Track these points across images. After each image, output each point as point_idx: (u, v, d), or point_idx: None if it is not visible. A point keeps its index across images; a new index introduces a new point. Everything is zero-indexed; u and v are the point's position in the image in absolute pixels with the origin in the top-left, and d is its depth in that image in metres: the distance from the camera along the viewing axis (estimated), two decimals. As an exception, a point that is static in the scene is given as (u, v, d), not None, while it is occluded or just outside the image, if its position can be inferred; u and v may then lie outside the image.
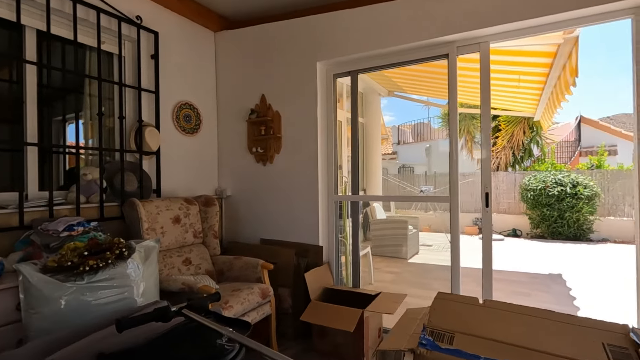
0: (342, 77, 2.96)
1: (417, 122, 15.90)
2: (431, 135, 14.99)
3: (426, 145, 13.21)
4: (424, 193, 8.12)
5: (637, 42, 1.98)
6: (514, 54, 3.13)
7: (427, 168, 11.41)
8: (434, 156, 12.31)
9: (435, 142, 13.22)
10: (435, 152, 12.38)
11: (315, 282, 2.64)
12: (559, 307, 3.51)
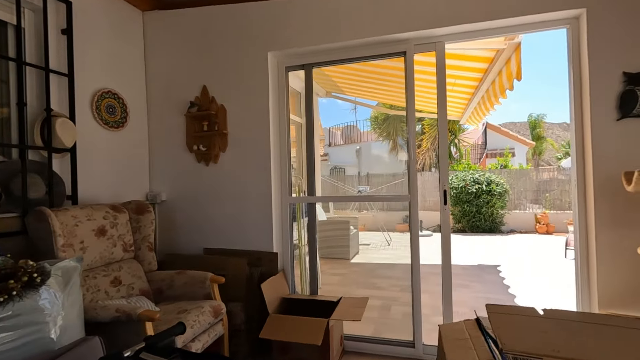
0: (294, 70, 2.77)
1: (346, 125, 16.37)
2: (360, 138, 15.56)
3: (356, 147, 13.63)
4: (362, 193, 8.34)
5: (573, 50, 2.17)
6: (450, 57, 3.27)
7: (358, 169, 11.76)
8: (364, 158, 12.76)
9: (365, 144, 13.73)
10: (366, 154, 12.85)
11: (272, 293, 2.40)
12: (496, 295, 3.80)
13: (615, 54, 2.00)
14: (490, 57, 3.06)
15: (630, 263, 1.95)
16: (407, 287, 4.19)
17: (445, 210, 2.43)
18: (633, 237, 1.94)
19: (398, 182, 8.89)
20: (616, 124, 2.00)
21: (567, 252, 5.65)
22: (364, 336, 2.61)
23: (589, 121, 2.06)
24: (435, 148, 10.17)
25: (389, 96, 5.26)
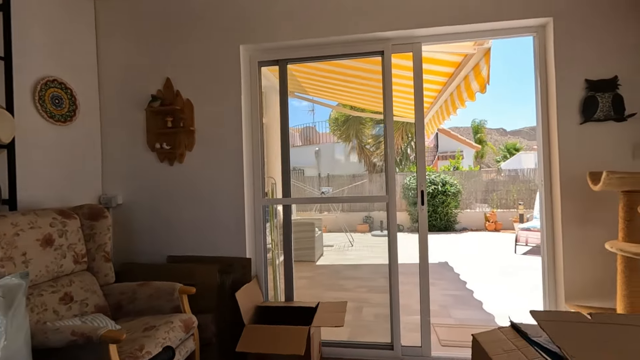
0: (268, 65, 2.64)
1: (305, 126, 16.31)
2: (319, 139, 15.58)
3: (315, 149, 13.62)
4: (325, 194, 8.33)
5: (539, 57, 2.29)
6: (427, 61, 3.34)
7: (318, 170, 11.75)
8: (323, 159, 12.76)
9: (325, 145, 13.75)
10: (325, 155, 12.87)
11: (246, 302, 2.25)
12: (459, 292, 3.94)
13: (578, 62, 2.13)
14: (457, 61, 3.16)
15: (594, 258, 2.08)
16: (375, 288, 4.23)
17: (422, 211, 2.45)
18: (597, 233, 2.07)
19: (359, 183, 9.00)
20: (579, 128, 2.13)
21: (516, 248, 6.07)
22: (341, 341, 2.54)
23: (555, 125, 2.17)
24: (395, 149, 10.51)
25: (355, 98, 5.27)
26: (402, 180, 9.40)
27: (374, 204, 9.51)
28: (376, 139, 10.80)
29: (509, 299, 3.72)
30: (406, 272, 4.35)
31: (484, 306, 3.47)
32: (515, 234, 6.36)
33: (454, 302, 3.56)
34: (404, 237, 8.35)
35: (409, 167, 10.56)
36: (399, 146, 10.55)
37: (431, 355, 2.39)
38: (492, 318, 3.16)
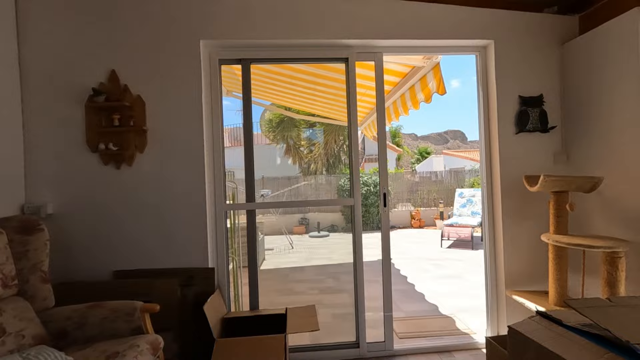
0: (230, 64, 2.52)
1: (234, 127, 15.78)
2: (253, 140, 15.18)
3: (246, 150, 13.27)
4: (264, 197, 8.15)
5: (481, 74, 2.59)
6: (366, 68, 3.51)
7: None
8: (256, 161, 12.48)
9: (257, 147, 13.49)
10: (258, 157, 12.60)
11: (214, 315, 2.10)
12: (402, 286, 4.22)
13: (513, 80, 2.47)
14: (404, 72, 3.40)
15: (529, 248, 2.43)
16: (326, 289, 4.30)
17: (385, 212, 2.58)
18: (531, 227, 2.43)
19: (301, 185, 9.04)
20: (515, 137, 2.47)
21: (442, 242, 6.73)
22: (306, 345, 2.54)
23: (496, 134, 2.49)
24: (327, 152, 10.79)
25: (300, 101, 5.29)
26: (336, 181, 9.71)
27: (309, 206, 9.65)
28: (310, 142, 10.99)
29: (446, 289, 4.11)
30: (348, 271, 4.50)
31: (426, 298, 3.79)
32: (440, 230, 7.06)
33: (400, 296, 3.81)
34: (340, 237, 8.64)
35: (341, 169, 10.97)
36: (333, 149, 10.88)
37: (394, 348, 2.53)
38: (436, 308, 3.46)
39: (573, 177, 2.07)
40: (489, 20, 2.45)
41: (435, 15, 2.42)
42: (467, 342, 2.60)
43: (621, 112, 2.07)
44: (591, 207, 2.30)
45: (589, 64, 2.28)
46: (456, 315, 3.20)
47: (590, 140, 2.30)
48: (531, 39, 2.47)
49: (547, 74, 2.48)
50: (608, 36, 2.13)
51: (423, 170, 14.07)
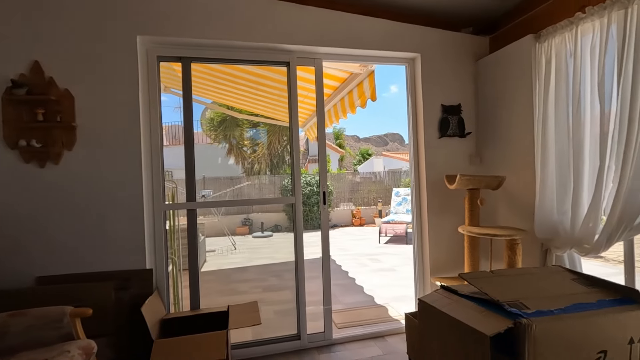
0: (169, 61, 2.47)
1: (172, 124, 15.01)
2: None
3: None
4: (205, 197, 7.86)
5: (410, 83, 2.87)
6: (308, 72, 3.66)
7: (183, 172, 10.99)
8: (198, 160, 12.00)
9: (197, 146, 12.96)
10: (198, 156, 12.13)
11: (153, 317, 2.07)
12: (343, 281, 4.43)
13: (437, 90, 2.77)
14: (343, 77, 3.60)
15: (449, 239, 2.75)
16: (270, 287, 4.36)
17: (324, 210, 2.73)
18: (450, 220, 2.75)
19: (244, 185, 8.90)
20: (438, 141, 2.78)
21: (380, 238, 7.14)
22: (247, 341, 2.58)
23: (422, 138, 2.77)
24: (270, 153, 10.78)
25: (243, 101, 5.26)
26: (280, 182, 9.75)
27: (253, 206, 9.58)
28: (253, 142, 10.88)
29: (381, 281, 4.41)
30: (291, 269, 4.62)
31: (365, 290, 4.03)
32: (378, 227, 7.48)
33: (341, 290, 4.01)
34: (284, 237, 8.71)
35: (285, 169, 11.02)
36: (276, 149, 10.90)
37: (332, 337, 2.69)
38: (372, 299, 3.71)
39: (483, 176, 2.40)
40: (416, 35, 2.72)
41: (370, 28, 2.62)
42: (398, 326, 2.85)
43: (518, 121, 2.45)
44: (498, 202, 2.68)
45: (496, 79, 2.66)
46: (389, 304, 3.48)
47: (497, 144, 2.68)
48: (451, 55, 2.79)
49: (464, 86, 2.83)
50: (510, 56, 2.51)
51: (364, 171, 14.71)
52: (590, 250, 1.94)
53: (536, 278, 1.25)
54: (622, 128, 1.77)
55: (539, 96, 2.25)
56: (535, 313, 0.99)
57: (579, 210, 2.01)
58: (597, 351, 0.98)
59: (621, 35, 1.78)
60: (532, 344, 0.91)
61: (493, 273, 1.25)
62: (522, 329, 0.94)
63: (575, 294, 1.12)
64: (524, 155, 2.41)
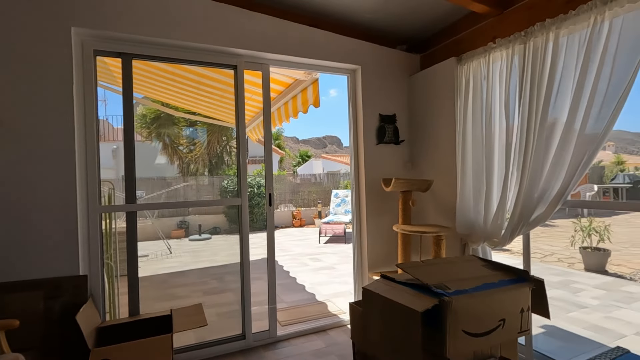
0: (107, 56, 2.35)
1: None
2: (114, 135, 13.45)
3: (113, 147, 11.71)
4: (139, 198, 7.30)
5: (351, 93, 3.08)
6: (254, 75, 3.71)
7: (118, 172, 10.18)
8: (118, 159, 11.11)
9: (120, 143, 12.01)
10: (120, 154, 11.22)
11: (88, 325, 1.96)
12: (285, 280, 4.52)
13: (375, 101, 3.03)
14: (288, 82, 3.71)
15: (385, 237, 3.01)
16: (210, 290, 4.29)
17: (270, 211, 2.80)
18: (386, 220, 3.01)
19: (180, 186, 8.47)
20: (376, 147, 3.03)
21: (320, 238, 7.36)
22: (191, 345, 2.56)
23: (362, 145, 3.00)
24: (209, 152, 10.42)
25: (181, 98, 5.08)
26: (219, 183, 9.50)
27: (189, 208, 9.19)
28: (190, 141, 10.43)
29: (322, 279, 4.59)
30: (232, 271, 4.62)
31: (306, 288, 4.18)
32: (318, 227, 7.70)
33: (283, 289, 4.10)
34: (224, 239, 8.51)
35: (224, 170, 10.74)
36: (215, 149, 10.57)
37: (277, 334, 2.77)
38: (314, 296, 3.87)
39: (414, 180, 2.69)
40: (357, 49, 2.94)
41: (317, 39, 2.78)
42: (339, 320, 3.04)
43: (443, 132, 2.80)
44: (426, 203, 3.01)
45: (425, 93, 2.99)
46: (330, 300, 3.66)
47: (427, 152, 3.01)
48: (388, 69, 3.07)
49: (399, 98, 3.13)
50: (437, 74, 2.85)
51: (304, 173, 14.95)
52: (498, 243, 2.31)
53: (455, 265, 1.50)
54: (521, 140, 2.15)
55: (459, 111, 2.60)
56: (455, 292, 1.22)
57: (489, 209, 2.38)
58: (499, 319, 1.24)
59: (521, 64, 2.17)
60: (453, 316, 1.13)
61: (423, 263, 1.46)
62: (444, 305, 1.16)
63: (483, 276, 1.39)
64: (448, 162, 2.75)
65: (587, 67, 1.82)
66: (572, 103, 1.88)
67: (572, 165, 1.91)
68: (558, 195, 1.97)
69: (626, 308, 3.59)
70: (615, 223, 8.66)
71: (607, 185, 12.32)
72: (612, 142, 35.79)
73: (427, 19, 2.74)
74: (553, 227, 8.61)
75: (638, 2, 1.65)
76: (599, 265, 4.95)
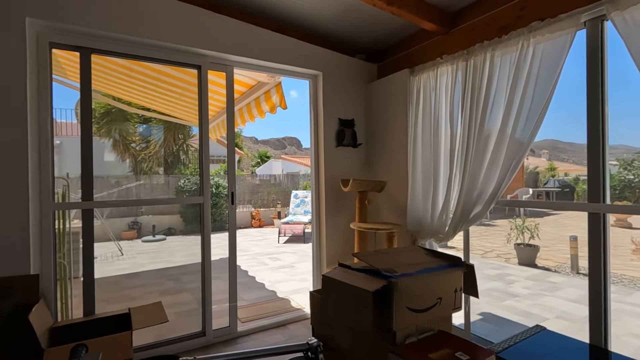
0: (64, 49, 2.28)
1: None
2: (60, 130, 12.48)
3: (56, 142, 10.86)
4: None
5: (316, 96, 3.23)
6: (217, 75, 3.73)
7: (61, 170, 9.48)
8: (69, 156, 10.36)
9: (69, 139, 11.20)
10: (72, 151, 10.49)
11: (42, 326, 1.90)
12: (244, 279, 4.55)
13: (335, 105, 3.20)
14: (250, 84, 3.77)
15: (342, 234, 3.18)
16: (166, 290, 4.22)
17: (232, 210, 2.86)
18: (344, 218, 3.19)
19: (133, 185, 8.08)
20: (335, 150, 3.20)
21: (279, 238, 7.43)
22: (150, 343, 2.55)
23: (322, 147, 3.16)
24: (165, 152, 10.05)
25: (135, 94, 4.91)
26: (175, 182, 9.21)
27: (142, 209, 8.81)
28: (144, 139, 9.98)
29: (282, 277, 4.69)
30: (189, 271, 4.58)
31: (266, 286, 4.25)
32: (277, 228, 7.76)
33: (242, 288, 4.14)
34: (180, 240, 8.27)
35: (180, 169, 10.41)
36: (171, 147, 10.21)
37: (238, 330, 2.83)
38: (274, 293, 3.95)
39: (370, 181, 2.89)
40: (319, 55, 3.09)
41: (281, 44, 2.89)
42: (299, 315, 3.16)
43: (397, 137, 3.03)
44: (381, 202, 3.23)
45: (381, 101, 3.21)
46: (290, 296, 3.77)
47: (382, 155, 3.23)
48: (347, 76, 3.26)
49: (357, 104, 3.32)
50: (392, 84, 3.08)
51: (263, 173, 14.89)
52: (443, 238, 2.57)
53: (403, 253, 1.70)
54: (463, 146, 2.42)
55: (411, 119, 2.85)
56: (401, 275, 1.40)
57: (436, 208, 2.63)
58: (436, 297, 1.45)
59: (464, 78, 2.44)
60: (398, 295, 1.30)
61: (376, 252, 1.64)
62: (392, 285, 1.34)
63: (425, 262, 1.60)
64: (400, 165, 2.98)
65: (516, 85, 2.12)
66: (504, 115, 2.17)
67: (504, 168, 2.20)
68: (492, 195, 2.25)
69: (550, 296, 4.09)
70: (545, 223, 9.66)
71: (540, 189, 13.65)
72: (547, 150, 39.40)
73: (383, 31, 2.96)
74: (494, 227, 9.41)
75: (555, 32, 1.97)
76: (529, 260, 5.54)
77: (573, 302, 3.87)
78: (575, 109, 10.71)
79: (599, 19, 1.87)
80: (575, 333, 1.84)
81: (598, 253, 1.88)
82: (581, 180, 15.31)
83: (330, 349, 1.59)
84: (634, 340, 2.96)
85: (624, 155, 13.89)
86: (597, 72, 1.89)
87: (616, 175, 10.85)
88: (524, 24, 2.10)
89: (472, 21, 2.46)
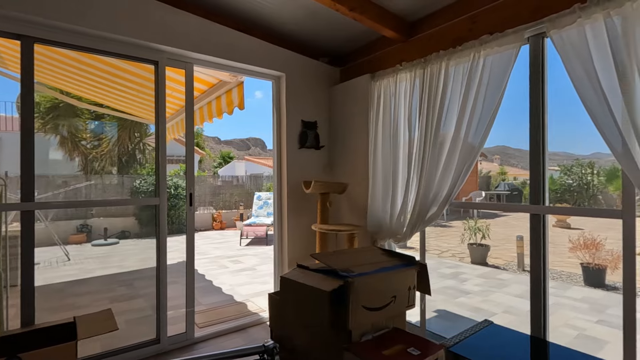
0: (3, 37, 2.10)
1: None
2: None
3: (-7, 138, 9.90)
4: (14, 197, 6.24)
5: (278, 97, 3.21)
6: (176, 72, 3.60)
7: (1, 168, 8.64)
8: (8, 153, 9.47)
9: (7, 134, 10.25)
10: (12, 148, 9.58)
11: (-30, 338, 1.73)
12: (201, 284, 4.41)
13: (298, 107, 3.20)
14: (212, 82, 3.68)
15: (304, 236, 3.19)
16: (118, 297, 4.01)
17: (190, 211, 2.77)
18: (306, 220, 3.20)
19: (83, 185, 7.52)
20: (298, 151, 3.20)
21: (241, 241, 7.28)
22: (99, 353, 2.40)
23: (285, 149, 3.15)
24: (119, 150, 9.47)
25: (86, 88, 4.62)
26: (130, 183, 8.73)
27: (93, 210, 8.25)
28: (95, 136, 9.36)
29: (242, 280, 4.60)
30: (144, 276, 4.40)
31: (223, 290, 4.15)
32: (239, 230, 7.61)
33: (200, 292, 4.01)
34: (134, 243, 7.84)
35: (136, 169, 9.87)
36: (126, 146, 9.65)
37: (195, 336, 2.74)
38: (232, 297, 3.87)
39: (332, 182, 2.93)
40: (282, 57, 3.09)
41: (243, 43, 2.85)
42: (259, 318, 3.12)
43: (358, 140, 3.10)
44: (342, 204, 3.28)
45: (343, 104, 3.27)
46: (250, 299, 3.71)
47: (344, 157, 3.28)
48: (310, 78, 3.28)
49: (320, 106, 3.36)
50: (354, 88, 3.15)
51: (225, 174, 14.53)
52: (401, 239, 2.66)
53: (360, 254, 1.75)
54: (420, 150, 2.52)
55: (372, 123, 2.92)
56: (358, 274, 1.44)
57: (394, 210, 2.72)
58: (391, 296, 1.50)
59: (421, 85, 2.55)
60: (355, 294, 1.33)
61: (333, 252, 1.67)
62: (348, 285, 1.37)
63: (381, 261, 1.65)
64: (361, 167, 3.05)
65: (468, 93, 2.24)
66: (457, 121, 2.30)
67: (457, 170, 2.32)
68: (447, 196, 2.37)
69: (498, 292, 4.37)
70: (496, 224, 10.30)
71: (492, 192, 14.53)
72: (498, 156, 42.01)
73: (346, 36, 3.02)
74: (450, 228, 9.87)
75: (503, 46, 2.11)
76: (481, 258, 5.88)
77: (518, 297, 4.15)
78: (522, 117, 11.93)
79: (540, 35, 2.03)
80: (519, 326, 1.98)
81: (539, 251, 2.04)
82: (528, 184, 16.51)
83: (288, 350, 1.59)
84: (570, 331, 3.24)
85: (564, 161, 15.15)
86: (538, 83, 2.06)
87: (558, 179, 11.79)
88: (476, 37, 2.23)
89: (429, 31, 2.57)
